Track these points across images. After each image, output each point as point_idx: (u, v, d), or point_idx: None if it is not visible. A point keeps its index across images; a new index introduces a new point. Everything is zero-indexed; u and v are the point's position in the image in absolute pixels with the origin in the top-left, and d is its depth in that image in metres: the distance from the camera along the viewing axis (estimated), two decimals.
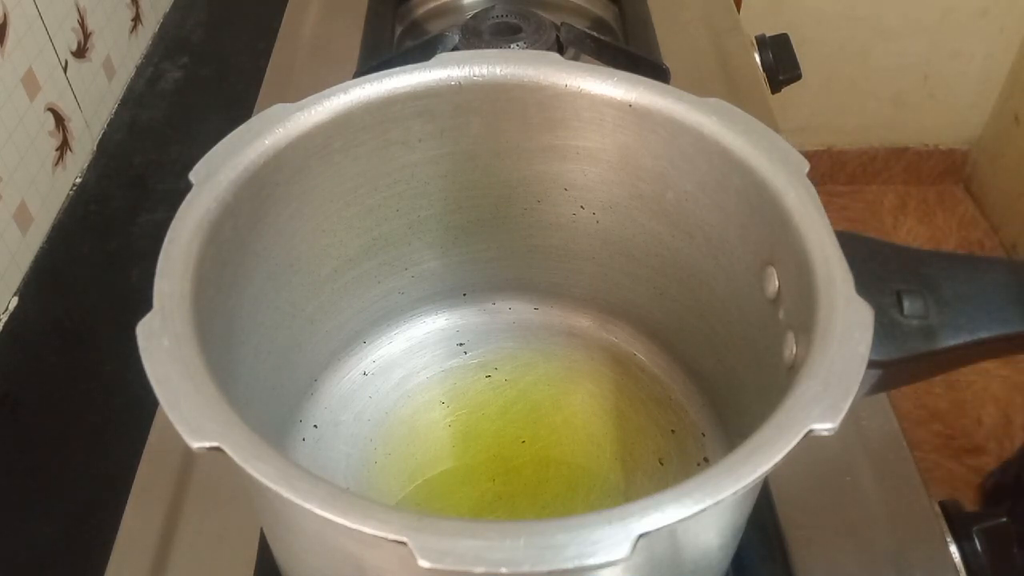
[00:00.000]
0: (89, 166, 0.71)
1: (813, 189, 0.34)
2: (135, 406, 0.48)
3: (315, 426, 0.44)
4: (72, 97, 0.69)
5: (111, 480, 0.47)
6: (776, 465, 0.26)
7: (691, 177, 0.39)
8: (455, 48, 0.66)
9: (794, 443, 0.26)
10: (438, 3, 0.78)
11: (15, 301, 0.60)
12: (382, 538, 0.24)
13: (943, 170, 1.76)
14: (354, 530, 0.24)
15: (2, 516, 0.49)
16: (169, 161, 0.71)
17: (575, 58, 0.66)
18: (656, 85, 0.38)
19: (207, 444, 0.26)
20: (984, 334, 0.32)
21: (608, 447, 0.44)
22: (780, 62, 0.76)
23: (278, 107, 0.37)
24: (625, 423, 0.44)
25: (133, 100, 0.77)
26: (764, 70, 0.75)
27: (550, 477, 0.43)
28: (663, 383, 0.46)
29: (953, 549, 0.43)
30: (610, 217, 0.43)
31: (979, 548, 0.43)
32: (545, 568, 0.24)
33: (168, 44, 0.84)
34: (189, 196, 0.34)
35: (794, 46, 0.77)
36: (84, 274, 0.63)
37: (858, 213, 1.72)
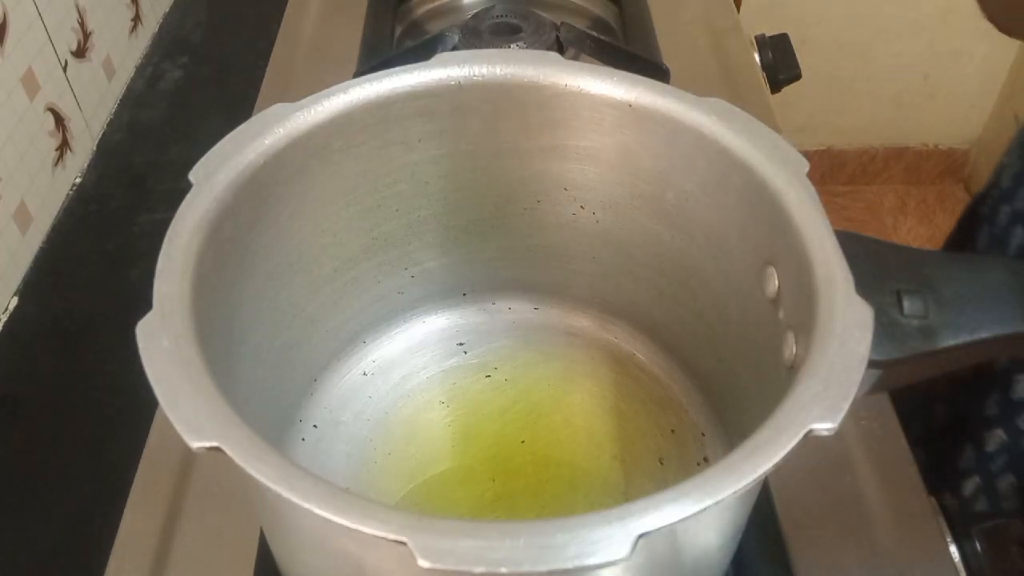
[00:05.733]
0: (89, 166, 0.71)
1: (813, 189, 0.34)
2: (135, 406, 0.47)
3: (315, 426, 0.44)
4: (72, 97, 0.69)
5: (111, 480, 0.47)
6: (776, 465, 0.26)
7: (691, 177, 0.39)
8: (455, 48, 0.66)
9: (794, 443, 0.26)
10: (438, 3, 0.78)
11: (15, 301, 0.60)
12: (382, 538, 0.24)
13: (943, 170, 1.76)
14: (354, 530, 0.24)
15: (2, 516, 0.49)
16: (169, 161, 0.71)
17: (575, 58, 0.66)
18: (656, 85, 0.38)
19: (207, 444, 0.26)
20: (984, 334, 0.32)
21: (608, 447, 0.44)
22: (780, 62, 0.76)
23: (278, 107, 0.37)
24: (625, 423, 0.44)
25: (133, 100, 0.77)
26: (764, 70, 0.75)
27: (550, 477, 0.43)
28: (663, 383, 0.46)
29: (953, 549, 0.43)
30: (610, 217, 0.43)
31: (979, 548, 0.43)
32: (545, 568, 0.24)
33: (168, 44, 0.84)
34: (189, 196, 0.34)
35: (794, 46, 0.77)
36: (84, 274, 0.63)
37: (858, 213, 1.72)
